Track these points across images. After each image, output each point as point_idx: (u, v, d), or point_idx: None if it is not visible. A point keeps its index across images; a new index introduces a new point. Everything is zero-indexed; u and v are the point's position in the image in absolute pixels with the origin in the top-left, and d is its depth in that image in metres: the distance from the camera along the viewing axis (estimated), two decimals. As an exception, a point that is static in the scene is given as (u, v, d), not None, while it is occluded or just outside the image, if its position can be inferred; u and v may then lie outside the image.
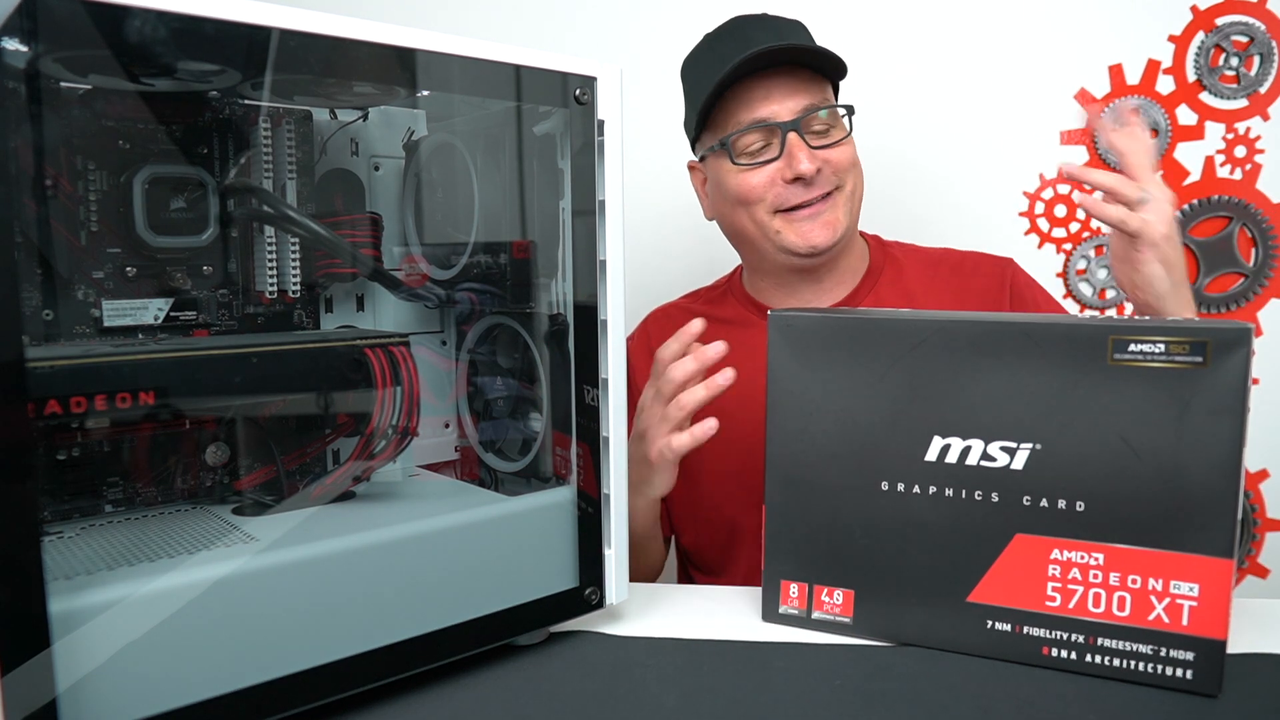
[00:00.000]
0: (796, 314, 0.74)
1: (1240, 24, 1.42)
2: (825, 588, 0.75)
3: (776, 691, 0.65)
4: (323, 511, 0.70)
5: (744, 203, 1.06)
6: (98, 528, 0.65)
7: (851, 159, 1.06)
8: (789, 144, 1.02)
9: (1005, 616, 0.69)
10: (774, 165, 1.03)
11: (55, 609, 0.49)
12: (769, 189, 1.04)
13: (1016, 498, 0.68)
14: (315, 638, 0.60)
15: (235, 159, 0.72)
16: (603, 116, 0.71)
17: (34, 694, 0.48)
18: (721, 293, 1.21)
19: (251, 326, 0.74)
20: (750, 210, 1.06)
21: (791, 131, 1.02)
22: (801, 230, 1.04)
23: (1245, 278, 1.46)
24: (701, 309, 1.19)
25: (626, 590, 0.76)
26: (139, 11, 0.50)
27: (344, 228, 0.77)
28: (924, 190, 1.50)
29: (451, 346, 0.87)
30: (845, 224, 1.06)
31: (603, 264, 0.72)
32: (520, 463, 0.82)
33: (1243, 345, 0.61)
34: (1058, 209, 1.48)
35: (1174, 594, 0.64)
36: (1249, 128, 1.43)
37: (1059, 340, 0.66)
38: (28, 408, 0.48)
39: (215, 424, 0.71)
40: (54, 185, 0.64)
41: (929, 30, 1.48)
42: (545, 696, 0.65)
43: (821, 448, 0.73)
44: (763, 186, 1.04)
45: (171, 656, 0.54)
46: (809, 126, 1.03)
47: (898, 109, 1.48)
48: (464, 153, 0.83)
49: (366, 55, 0.60)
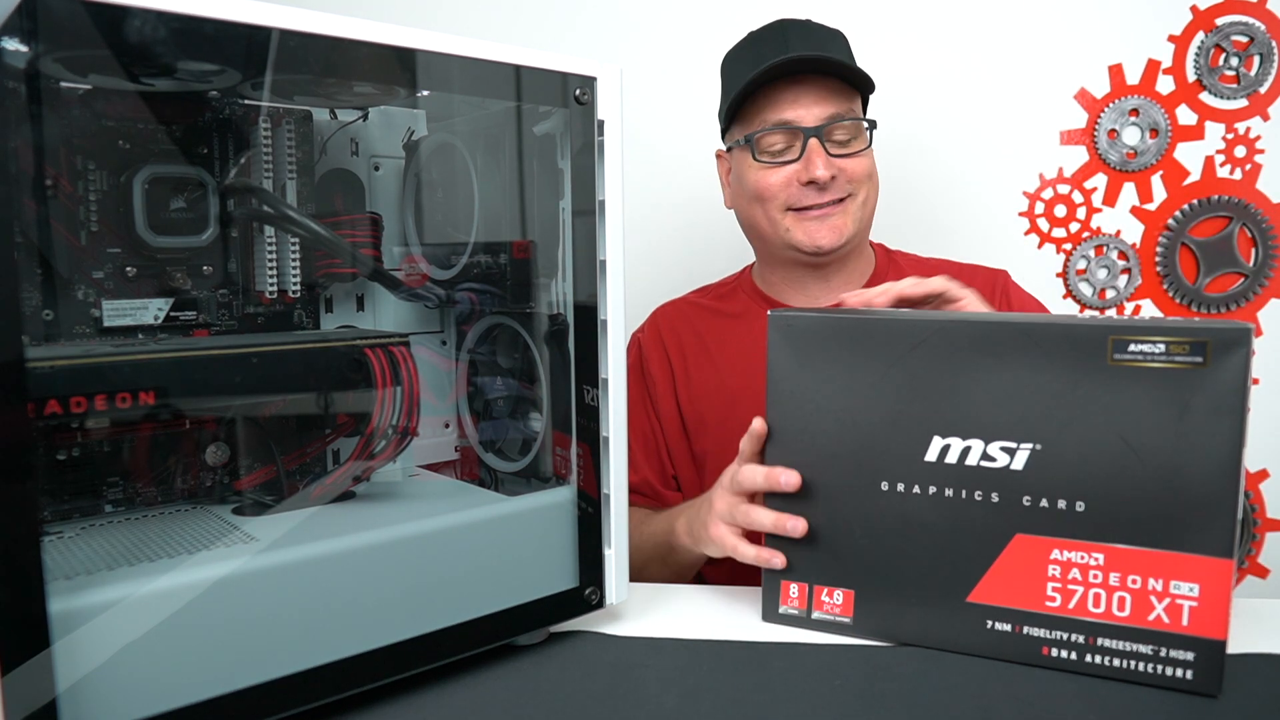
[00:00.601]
0: (796, 314, 0.74)
1: (1240, 24, 1.42)
2: (825, 588, 0.75)
3: (776, 691, 0.65)
4: (323, 511, 0.70)
5: (760, 199, 1.10)
6: (98, 528, 0.65)
7: (867, 170, 1.10)
8: (809, 149, 1.06)
9: (1005, 616, 0.69)
10: (792, 167, 1.07)
11: (55, 609, 0.49)
12: (784, 189, 1.08)
13: (1016, 498, 0.68)
14: (315, 638, 0.60)
15: (235, 159, 0.72)
16: (603, 116, 0.71)
17: (34, 694, 0.48)
18: (731, 288, 1.24)
19: (251, 326, 0.74)
20: (765, 206, 1.10)
21: (813, 137, 1.06)
22: (809, 230, 1.09)
23: (1245, 278, 1.46)
24: (710, 304, 1.22)
25: (626, 590, 0.76)
26: (139, 11, 0.50)
27: (344, 228, 0.77)
28: (924, 190, 1.50)
29: (451, 346, 0.87)
30: (851, 230, 1.09)
31: (603, 264, 0.72)
32: (520, 463, 0.82)
33: (1243, 345, 0.61)
34: (1058, 209, 1.48)
35: (1174, 594, 0.64)
36: (1249, 128, 1.43)
37: (1059, 340, 0.66)
38: (28, 408, 0.48)
39: (215, 424, 0.71)
40: (54, 185, 0.64)
41: (929, 30, 1.48)
42: (545, 696, 0.65)
43: (821, 448, 0.73)
44: (778, 185, 1.08)
45: (171, 656, 0.54)
46: (831, 135, 1.07)
47: (898, 109, 1.48)
48: (464, 153, 0.83)
49: (366, 55, 0.60)
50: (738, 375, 1.14)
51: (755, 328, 1.14)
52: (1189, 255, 1.47)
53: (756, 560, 0.77)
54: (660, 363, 1.19)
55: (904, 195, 1.48)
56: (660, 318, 1.24)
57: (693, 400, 1.17)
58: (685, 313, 1.23)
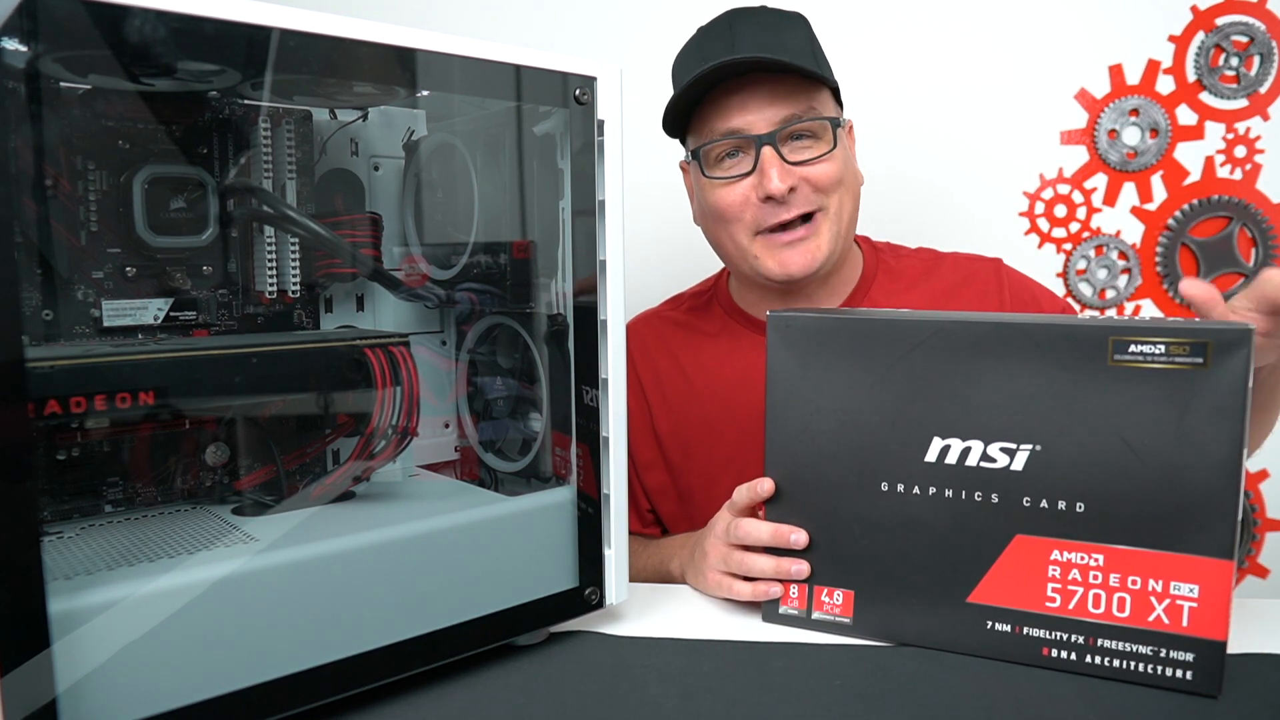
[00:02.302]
0: (796, 314, 0.74)
1: (1240, 24, 1.42)
2: (825, 588, 0.75)
3: (776, 691, 0.65)
4: (323, 511, 0.70)
5: (721, 219, 0.99)
6: (98, 528, 0.65)
7: (834, 177, 0.96)
8: (762, 159, 0.94)
9: (1005, 617, 0.69)
10: (748, 181, 0.96)
11: (55, 609, 0.49)
12: (744, 207, 0.97)
13: (1016, 498, 0.68)
14: (315, 638, 0.60)
15: (235, 159, 0.72)
16: (603, 116, 0.71)
17: (34, 694, 0.48)
18: (706, 300, 1.14)
19: (251, 326, 0.74)
20: (729, 229, 0.99)
21: (766, 146, 0.94)
22: (780, 258, 0.97)
23: (1245, 278, 1.46)
24: (684, 318, 1.13)
25: (626, 590, 0.76)
26: (139, 11, 0.50)
27: (344, 228, 0.77)
28: (924, 190, 1.50)
29: (451, 346, 0.87)
30: (828, 251, 0.97)
31: (603, 264, 0.72)
32: (520, 463, 0.82)
33: (1243, 346, 0.61)
34: (1058, 209, 1.48)
35: (1174, 595, 0.64)
36: (1249, 128, 1.43)
37: (1059, 341, 0.66)
38: (28, 408, 0.48)
39: (215, 424, 0.71)
40: (54, 185, 0.64)
41: (929, 30, 1.48)
42: (545, 696, 0.65)
43: (821, 448, 0.73)
44: (737, 205, 0.97)
45: (171, 656, 0.54)
46: (790, 138, 0.96)
47: (898, 109, 1.48)
48: (464, 153, 0.83)
49: (366, 55, 0.60)
50: (719, 402, 1.05)
51: (735, 349, 1.06)
52: (1189, 255, 1.47)
53: (754, 597, 0.78)
54: (631, 390, 1.06)
55: (903, 195, 1.48)
56: (629, 336, 1.12)
57: (674, 431, 1.08)
58: (657, 329, 1.13)
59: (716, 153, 0.98)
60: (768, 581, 0.76)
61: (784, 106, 0.94)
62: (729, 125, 0.96)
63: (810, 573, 0.75)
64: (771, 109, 0.94)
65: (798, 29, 0.99)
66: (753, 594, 0.77)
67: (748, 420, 1.00)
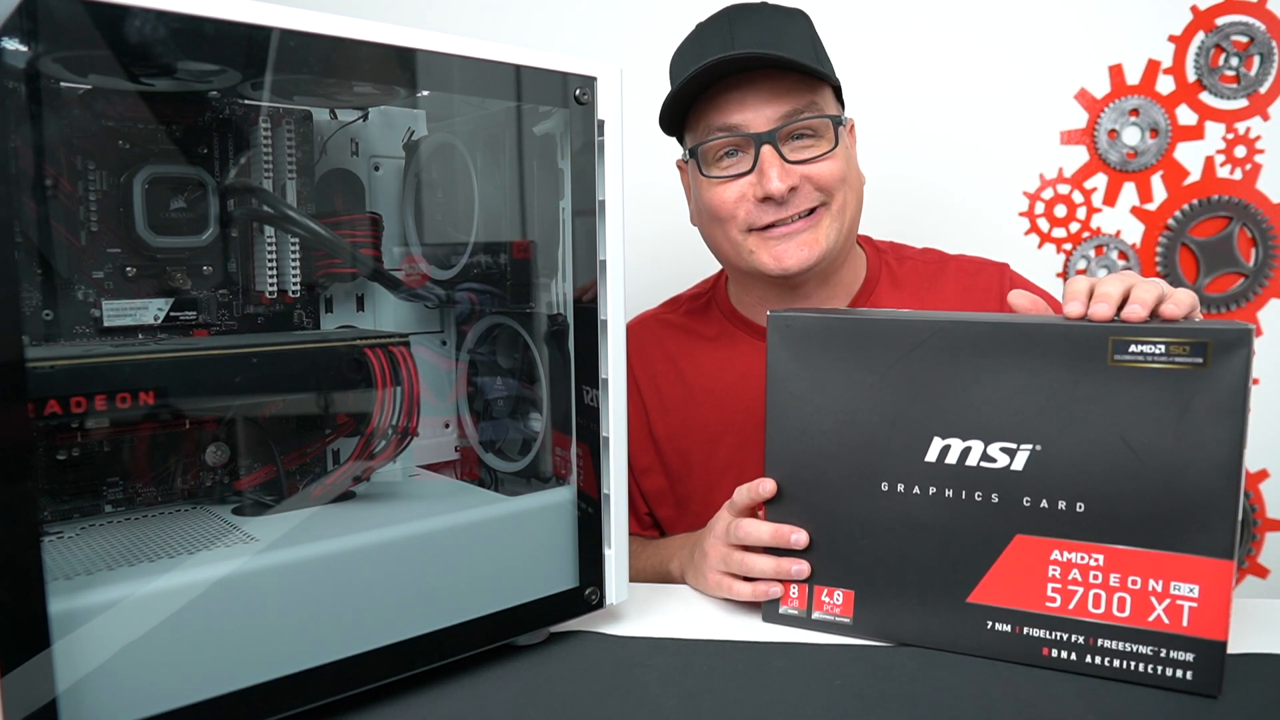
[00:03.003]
0: (796, 314, 0.74)
1: (1240, 24, 1.42)
2: (825, 588, 0.75)
3: (776, 691, 0.65)
4: (323, 511, 0.70)
5: (717, 218, 0.97)
6: (98, 528, 0.65)
7: (837, 175, 0.94)
8: (761, 158, 0.92)
9: (1005, 617, 0.69)
10: (746, 179, 0.94)
11: (55, 609, 0.49)
12: (739, 205, 0.95)
13: (1016, 498, 0.68)
14: (315, 638, 0.60)
15: (235, 159, 0.72)
16: (603, 116, 0.71)
17: (34, 694, 0.48)
18: (704, 303, 1.12)
19: (251, 326, 0.74)
20: (724, 227, 0.97)
21: (766, 144, 0.92)
22: (775, 251, 0.95)
23: (1245, 278, 1.46)
24: (682, 321, 1.12)
25: (626, 590, 0.76)
26: (139, 11, 0.50)
27: (344, 228, 0.77)
28: (924, 190, 1.50)
29: (451, 346, 0.87)
30: (827, 244, 0.95)
31: (603, 264, 0.72)
32: (520, 463, 0.82)
33: (1243, 346, 0.61)
34: (1058, 209, 1.48)
35: (1174, 595, 0.64)
36: (1249, 128, 1.43)
37: (1059, 341, 0.66)
38: (28, 408, 0.48)
39: (215, 424, 0.71)
40: (54, 185, 0.64)
41: (929, 30, 1.48)
42: (545, 696, 0.65)
43: (821, 448, 0.73)
44: (733, 203, 0.95)
45: (171, 656, 0.54)
46: (790, 137, 0.94)
47: (898, 109, 1.48)
48: (464, 153, 0.83)
49: (366, 55, 0.60)
50: (716, 408, 1.04)
51: (733, 354, 1.05)
52: (1189, 255, 1.47)
53: (754, 597, 0.78)
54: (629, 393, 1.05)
55: (904, 195, 1.48)
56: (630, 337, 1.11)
57: (672, 436, 1.07)
58: (655, 333, 1.11)
59: (714, 151, 0.96)
60: (768, 582, 0.76)
61: (784, 103, 0.93)
62: (727, 122, 0.94)
63: (810, 573, 0.75)
64: (771, 106, 0.93)
65: (799, 25, 0.98)
66: (753, 594, 0.77)
67: (746, 426, 1.00)
